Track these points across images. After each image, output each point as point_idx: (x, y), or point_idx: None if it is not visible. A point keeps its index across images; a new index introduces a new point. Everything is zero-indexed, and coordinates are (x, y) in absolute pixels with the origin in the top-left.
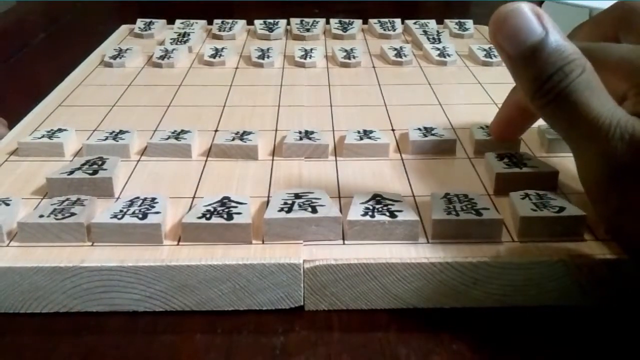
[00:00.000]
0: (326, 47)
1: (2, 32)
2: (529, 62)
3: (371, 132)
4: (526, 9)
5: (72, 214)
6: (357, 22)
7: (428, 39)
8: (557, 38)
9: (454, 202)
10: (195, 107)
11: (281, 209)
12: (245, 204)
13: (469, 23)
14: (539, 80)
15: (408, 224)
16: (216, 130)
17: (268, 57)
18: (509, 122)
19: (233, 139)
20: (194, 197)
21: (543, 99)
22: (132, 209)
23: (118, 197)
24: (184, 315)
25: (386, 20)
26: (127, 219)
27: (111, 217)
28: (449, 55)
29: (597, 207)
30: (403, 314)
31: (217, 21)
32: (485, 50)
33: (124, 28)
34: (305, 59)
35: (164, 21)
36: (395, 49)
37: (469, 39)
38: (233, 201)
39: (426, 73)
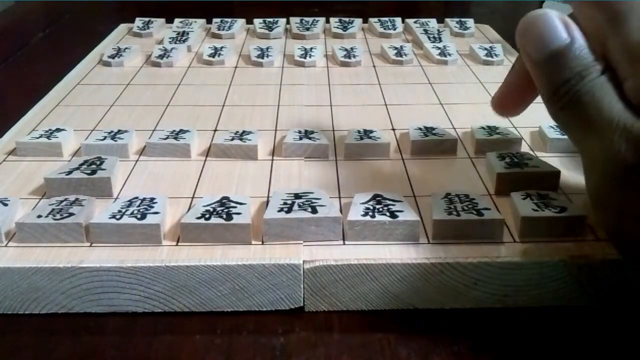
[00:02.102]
0: (326, 46)
1: (0, 31)
2: (550, 66)
3: (371, 131)
4: (554, 16)
5: (71, 214)
6: (357, 21)
7: (429, 38)
8: (581, 45)
9: (455, 202)
10: (194, 106)
11: (281, 209)
12: (245, 204)
13: (470, 22)
14: (556, 84)
15: (408, 224)
16: (215, 130)
17: (267, 56)
18: (513, 95)
19: (232, 139)
20: (193, 197)
21: (559, 102)
22: (130, 209)
23: (117, 198)
24: (183, 316)
25: (386, 19)
26: (126, 219)
27: (110, 218)
28: (449, 55)
29: (599, 213)
30: (403, 315)
31: (216, 20)
32: (486, 49)
33: (122, 27)
34: (305, 58)
35: (162, 20)
36: (396, 48)
37: (469, 38)
38: (232, 201)
39: (427, 72)
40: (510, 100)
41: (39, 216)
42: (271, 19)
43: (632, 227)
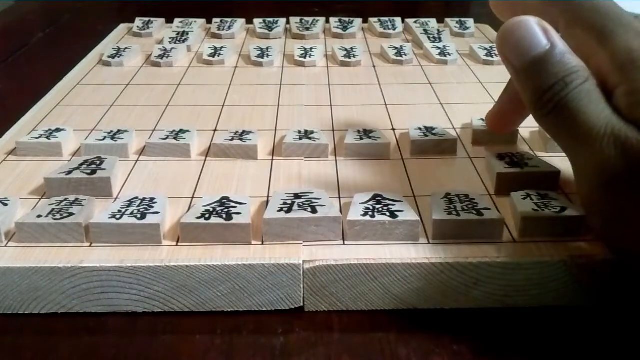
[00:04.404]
0: (326, 46)
1: (0, 31)
2: (532, 72)
3: (371, 131)
4: (532, 22)
5: (71, 214)
6: (357, 21)
7: (429, 38)
8: (562, 51)
9: (455, 202)
10: (194, 106)
11: (281, 209)
12: (245, 204)
13: (470, 22)
14: (540, 90)
15: (408, 224)
16: (215, 130)
17: (267, 56)
18: (505, 115)
19: (232, 139)
20: (193, 197)
21: (544, 109)
22: (130, 209)
23: (117, 197)
24: (183, 316)
25: (386, 19)
26: (126, 219)
27: (110, 218)
28: (449, 55)
29: (592, 217)
30: (403, 315)
31: (216, 20)
32: (486, 49)
33: (122, 27)
34: (305, 58)
35: (162, 20)
36: (396, 48)
37: (469, 38)
38: (232, 201)
39: (427, 72)
40: (502, 119)
41: (39, 216)
42: (271, 19)
43: (623, 230)
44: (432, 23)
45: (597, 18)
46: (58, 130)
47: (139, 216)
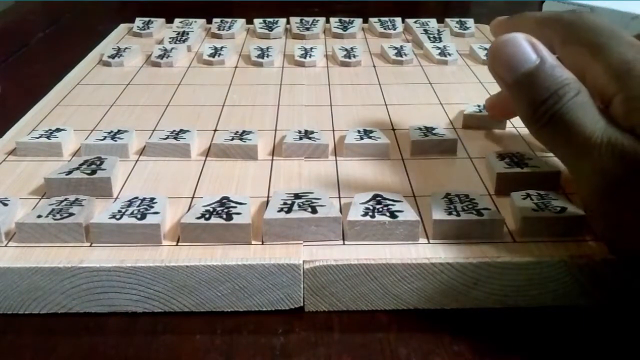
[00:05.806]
0: (326, 46)
1: (0, 31)
2: (525, 87)
3: (371, 131)
4: (521, 38)
5: (71, 214)
6: (358, 21)
7: (429, 38)
8: (552, 65)
9: (455, 202)
10: (194, 106)
11: (281, 209)
12: (245, 204)
13: (470, 22)
14: (534, 104)
15: (408, 224)
16: (215, 130)
17: (268, 56)
18: (504, 105)
19: (232, 139)
20: (193, 197)
21: (539, 122)
22: (130, 209)
23: (117, 198)
24: (183, 316)
25: (386, 19)
26: (126, 219)
27: (110, 218)
28: (449, 55)
29: (595, 224)
30: (403, 315)
31: (216, 20)
32: (486, 49)
33: (122, 27)
34: (305, 58)
35: (162, 20)
36: (396, 48)
37: (469, 38)
38: (232, 201)
39: (427, 72)
40: (500, 107)
41: (39, 216)
42: (271, 19)
43: (623, 234)
44: (432, 23)
45: (590, 34)
46: (58, 130)
47: (139, 216)
